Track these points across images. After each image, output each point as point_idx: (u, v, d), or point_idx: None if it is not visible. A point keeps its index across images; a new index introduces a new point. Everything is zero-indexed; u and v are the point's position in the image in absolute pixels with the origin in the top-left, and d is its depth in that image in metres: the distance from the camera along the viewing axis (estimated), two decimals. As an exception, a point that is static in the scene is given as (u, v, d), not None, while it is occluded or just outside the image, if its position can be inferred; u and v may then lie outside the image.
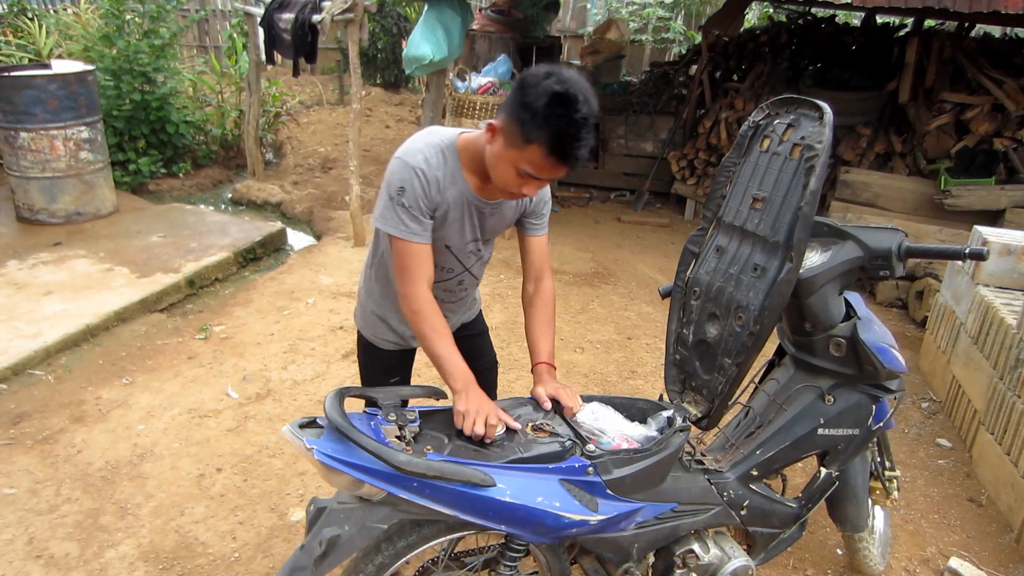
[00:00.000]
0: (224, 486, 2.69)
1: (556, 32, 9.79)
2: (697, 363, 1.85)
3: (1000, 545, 2.64)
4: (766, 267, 1.67)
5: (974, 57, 5.35)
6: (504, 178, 1.60)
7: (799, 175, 1.63)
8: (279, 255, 5.16)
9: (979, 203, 4.80)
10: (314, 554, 1.43)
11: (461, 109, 5.41)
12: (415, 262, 1.66)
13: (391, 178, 1.65)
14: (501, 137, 1.56)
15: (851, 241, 1.78)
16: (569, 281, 4.82)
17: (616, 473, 1.58)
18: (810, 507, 1.99)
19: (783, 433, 1.87)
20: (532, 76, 1.50)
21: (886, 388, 1.90)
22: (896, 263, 1.75)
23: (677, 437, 1.68)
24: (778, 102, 1.79)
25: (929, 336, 3.88)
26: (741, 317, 1.69)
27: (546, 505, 1.48)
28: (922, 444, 3.23)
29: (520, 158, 1.54)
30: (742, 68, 6.65)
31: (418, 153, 1.65)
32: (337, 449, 1.39)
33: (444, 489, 1.41)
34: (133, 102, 5.90)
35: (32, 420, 3.00)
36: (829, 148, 1.59)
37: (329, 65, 9.93)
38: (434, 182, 1.65)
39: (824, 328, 1.81)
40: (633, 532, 1.67)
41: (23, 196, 4.94)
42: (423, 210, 1.65)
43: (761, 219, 1.71)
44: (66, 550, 2.35)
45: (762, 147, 1.77)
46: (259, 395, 3.27)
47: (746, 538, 1.95)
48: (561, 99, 1.46)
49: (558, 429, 1.65)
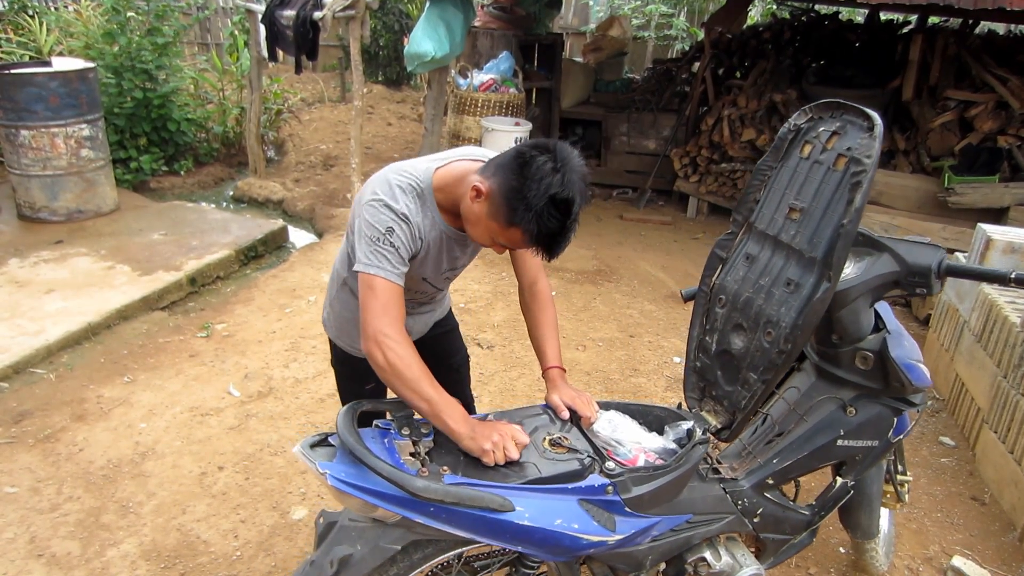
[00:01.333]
0: (226, 484, 2.68)
1: (558, 29, 9.78)
2: (719, 372, 1.79)
3: (1003, 544, 2.63)
4: (800, 283, 1.58)
5: (978, 54, 5.33)
6: (477, 235, 1.59)
7: (843, 189, 1.53)
8: (281, 253, 5.15)
9: (983, 201, 4.78)
10: (325, 573, 1.41)
11: (463, 106, 5.39)
12: (391, 302, 1.55)
13: (374, 220, 1.57)
14: (486, 204, 1.51)
15: (887, 254, 1.70)
16: (571, 279, 4.81)
17: (635, 491, 1.54)
18: (823, 515, 1.95)
19: (802, 443, 1.82)
20: (536, 166, 1.44)
21: (910, 402, 1.85)
22: (935, 281, 1.65)
23: (696, 451, 1.64)
24: (822, 106, 1.69)
25: (932, 334, 3.87)
26: (771, 332, 1.62)
27: (564, 527, 1.45)
28: (925, 442, 3.22)
29: (500, 232, 1.52)
30: (745, 65, 6.62)
31: (399, 198, 1.59)
32: (351, 473, 1.36)
33: (462, 514, 1.38)
34: (134, 100, 5.89)
35: (34, 418, 3.00)
36: (877, 163, 1.49)
37: (331, 62, 9.92)
38: (416, 228, 1.61)
39: (852, 341, 1.75)
40: (648, 546, 1.64)
41: (24, 194, 4.94)
42: (407, 254, 1.60)
43: (798, 231, 1.62)
44: (68, 549, 2.35)
45: (803, 153, 1.68)
46: (261, 393, 3.26)
47: (756, 543, 1.93)
48: (559, 204, 1.43)
49: (576, 444, 1.60)
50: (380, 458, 1.35)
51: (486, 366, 3.61)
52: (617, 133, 6.79)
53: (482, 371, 3.55)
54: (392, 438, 1.49)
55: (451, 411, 1.50)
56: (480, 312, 4.19)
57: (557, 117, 6.66)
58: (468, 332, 3.93)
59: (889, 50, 5.91)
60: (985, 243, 3.36)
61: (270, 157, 7.42)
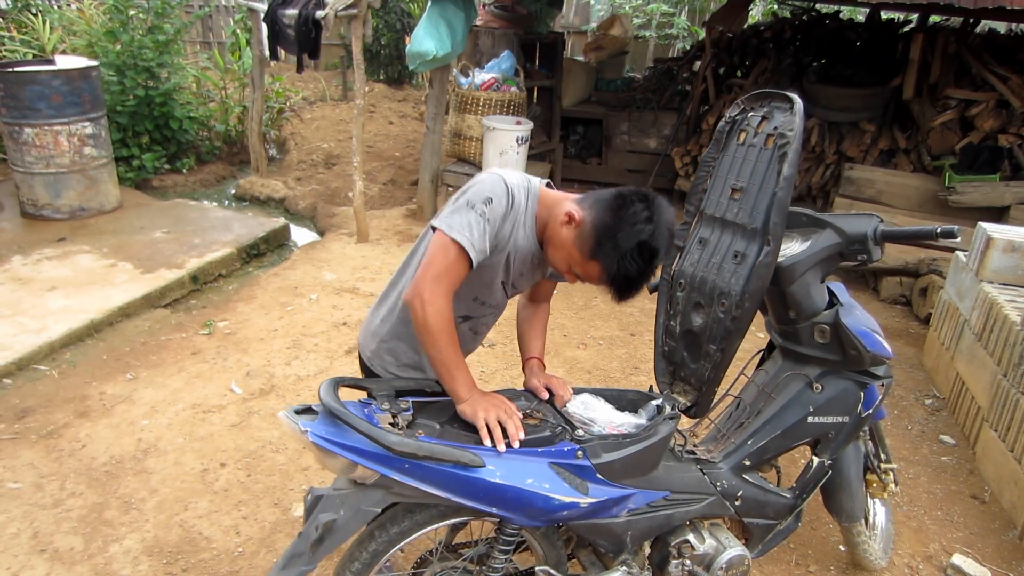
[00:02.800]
0: (228, 481, 2.69)
1: (560, 28, 9.78)
2: (685, 353, 1.89)
3: (1003, 542, 2.63)
4: (746, 253, 1.72)
5: (979, 53, 5.33)
6: (557, 260, 1.65)
7: (773, 163, 1.69)
8: (282, 251, 5.17)
9: (984, 200, 4.78)
10: (311, 539, 1.47)
11: (464, 105, 5.39)
12: (454, 273, 1.56)
13: (481, 188, 1.60)
14: (575, 232, 1.57)
15: (829, 229, 1.84)
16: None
17: (605, 457, 1.61)
18: (804, 497, 2.01)
19: (774, 422, 1.92)
20: (633, 210, 1.51)
21: (872, 374, 1.94)
22: (873, 247, 1.80)
23: (666, 424, 1.71)
24: (752, 97, 1.85)
25: (933, 333, 3.87)
26: (724, 303, 1.73)
27: (535, 487, 1.51)
28: (925, 441, 3.23)
29: (579, 263, 1.58)
30: (746, 64, 6.62)
31: (515, 179, 1.65)
32: (331, 431, 1.44)
33: (435, 470, 1.45)
34: (137, 98, 5.90)
35: (36, 415, 3.02)
36: (801, 135, 1.64)
37: (333, 61, 9.93)
38: (514, 212, 1.64)
39: (808, 316, 1.86)
40: (626, 519, 1.70)
41: (27, 192, 4.95)
42: (493, 232, 1.60)
43: (740, 208, 1.76)
44: (71, 544, 2.37)
45: (739, 140, 1.83)
46: (263, 391, 3.27)
47: (743, 531, 1.97)
48: (644, 252, 1.51)
49: (548, 417, 1.68)
50: (359, 417, 1.43)
51: (487, 364, 3.62)
52: (618, 132, 6.79)
53: (483, 369, 3.57)
54: (374, 411, 1.56)
55: (462, 376, 1.58)
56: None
57: (558, 116, 6.66)
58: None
59: (890, 49, 5.91)
60: (986, 242, 3.36)
61: (272, 156, 7.43)
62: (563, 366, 3.69)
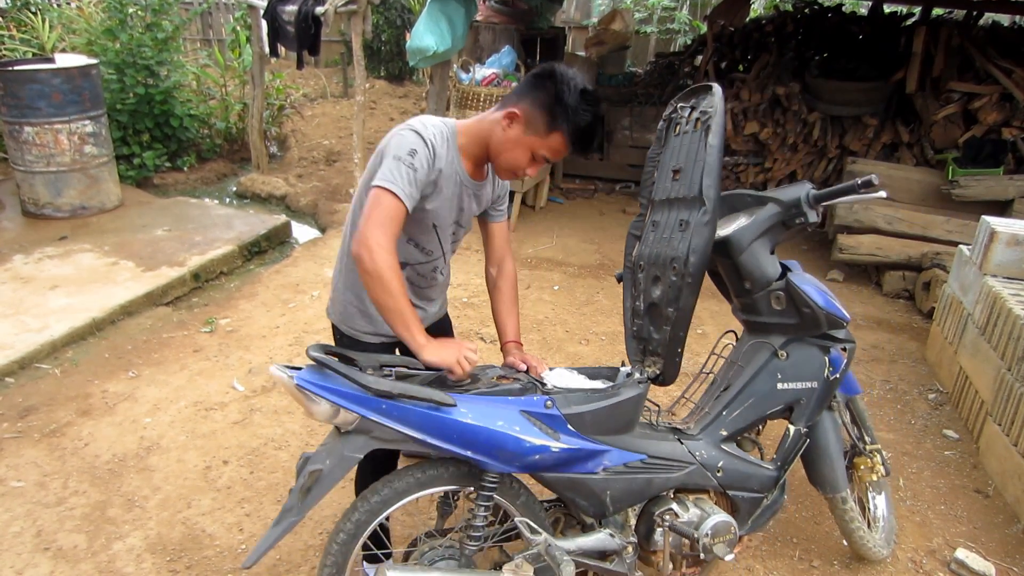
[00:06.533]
0: (230, 478, 2.70)
1: (560, 23, 9.76)
2: (651, 327, 1.99)
3: (1007, 536, 2.63)
4: (689, 220, 1.84)
5: (982, 46, 5.31)
6: (515, 160, 1.77)
7: (701, 138, 1.85)
8: (284, 248, 5.16)
9: (987, 193, 4.77)
10: (300, 490, 1.58)
11: (465, 101, 5.38)
12: (393, 220, 1.65)
13: (401, 142, 1.70)
14: (522, 124, 1.72)
15: (770, 202, 1.98)
16: (574, 273, 4.81)
17: (575, 409, 1.71)
18: (786, 468, 2.08)
19: (746, 392, 2.01)
20: (555, 75, 1.69)
21: (833, 337, 2.03)
22: (808, 209, 1.91)
23: (634, 386, 1.80)
24: (682, 96, 2.03)
25: (936, 327, 3.86)
26: (676, 267, 1.84)
27: (506, 429, 1.61)
28: (929, 435, 3.22)
29: (540, 144, 1.73)
30: (748, 58, 6.60)
31: (430, 128, 1.76)
32: (315, 378, 1.55)
33: (410, 410, 1.55)
34: (137, 96, 5.90)
35: (39, 413, 3.02)
36: (722, 111, 1.80)
37: (333, 58, 9.92)
38: (438, 158, 1.75)
39: (762, 285, 1.98)
40: (603, 477, 1.77)
41: (28, 190, 4.95)
42: (423, 179, 1.71)
43: (681, 185, 1.92)
44: (74, 542, 2.37)
45: (675, 133, 2.01)
46: (265, 388, 3.27)
47: (730, 506, 2.03)
48: (589, 96, 1.69)
49: (521, 378, 1.79)
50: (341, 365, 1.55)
51: (487, 359, 3.61)
52: (620, 127, 6.78)
53: (483, 364, 3.56)
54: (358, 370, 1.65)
55: (416, 324, 1.67)
56: (483, 306, 4.19)
57: (559, 112, 6.64)
58: (471, 326, 3.94)
59: (892, 42, 5.89)
60: (989, 235, 3.35)
61: (273, 153, 7.43)
62: (565, 362, 3.68)
